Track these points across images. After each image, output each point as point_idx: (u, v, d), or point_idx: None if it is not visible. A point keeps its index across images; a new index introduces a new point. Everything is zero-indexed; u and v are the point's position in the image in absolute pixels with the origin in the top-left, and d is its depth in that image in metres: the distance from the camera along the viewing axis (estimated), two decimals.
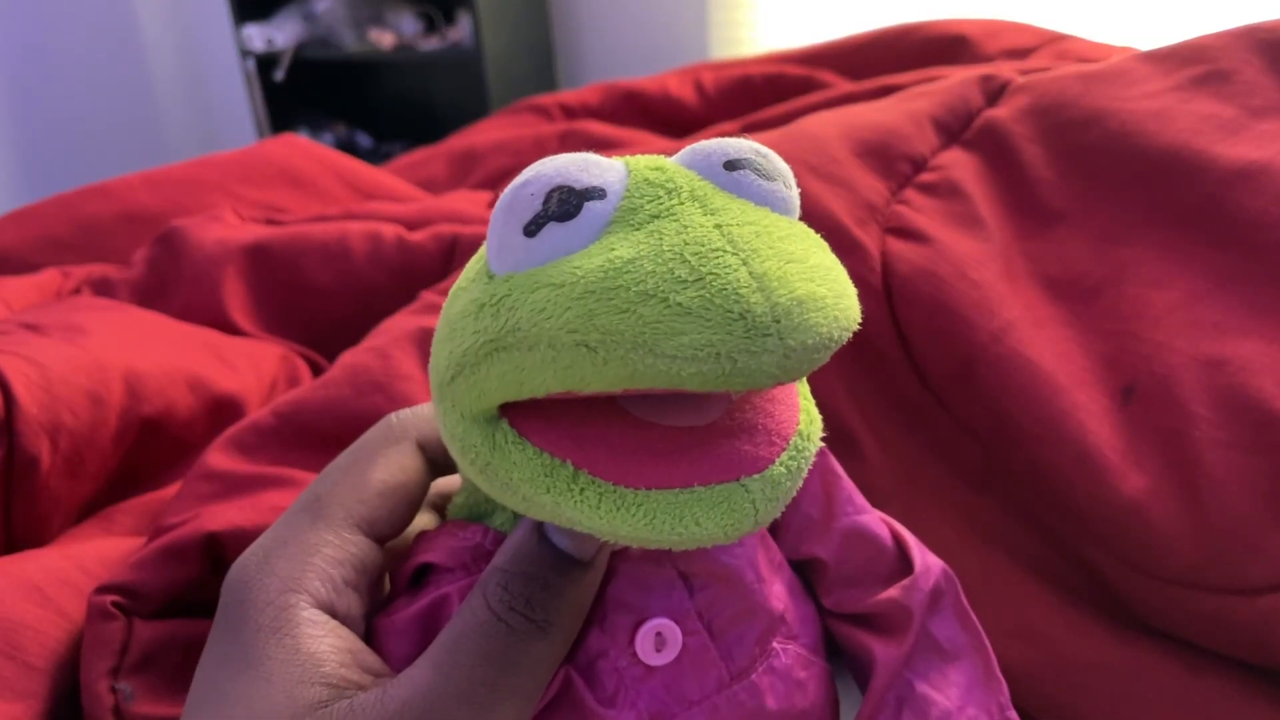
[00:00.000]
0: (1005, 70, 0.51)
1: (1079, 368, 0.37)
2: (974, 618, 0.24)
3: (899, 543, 0.24)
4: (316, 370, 0.52)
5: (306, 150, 0.75)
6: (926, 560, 0.24)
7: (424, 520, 0.24)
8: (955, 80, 0.50)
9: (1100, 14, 1.44)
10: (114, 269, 0.58)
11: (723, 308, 0.15)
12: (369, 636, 0.21)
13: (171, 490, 0.40)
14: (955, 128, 0.47)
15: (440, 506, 0.25)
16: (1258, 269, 0.36)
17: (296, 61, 2.05)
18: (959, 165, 0.44)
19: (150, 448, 0.42)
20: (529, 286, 0.16)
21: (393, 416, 0.23)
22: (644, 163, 0.18)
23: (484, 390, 0.17)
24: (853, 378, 0.40)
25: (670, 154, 0.19)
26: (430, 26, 2.01)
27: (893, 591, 0.23)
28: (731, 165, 0.18)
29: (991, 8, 1.26)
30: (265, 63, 2.06)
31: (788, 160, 0.20)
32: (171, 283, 0.54)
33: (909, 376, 0.40)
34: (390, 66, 2.30)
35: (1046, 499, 0.36)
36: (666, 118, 0.88)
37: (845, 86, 0.75)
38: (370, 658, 0.19)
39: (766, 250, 0.16)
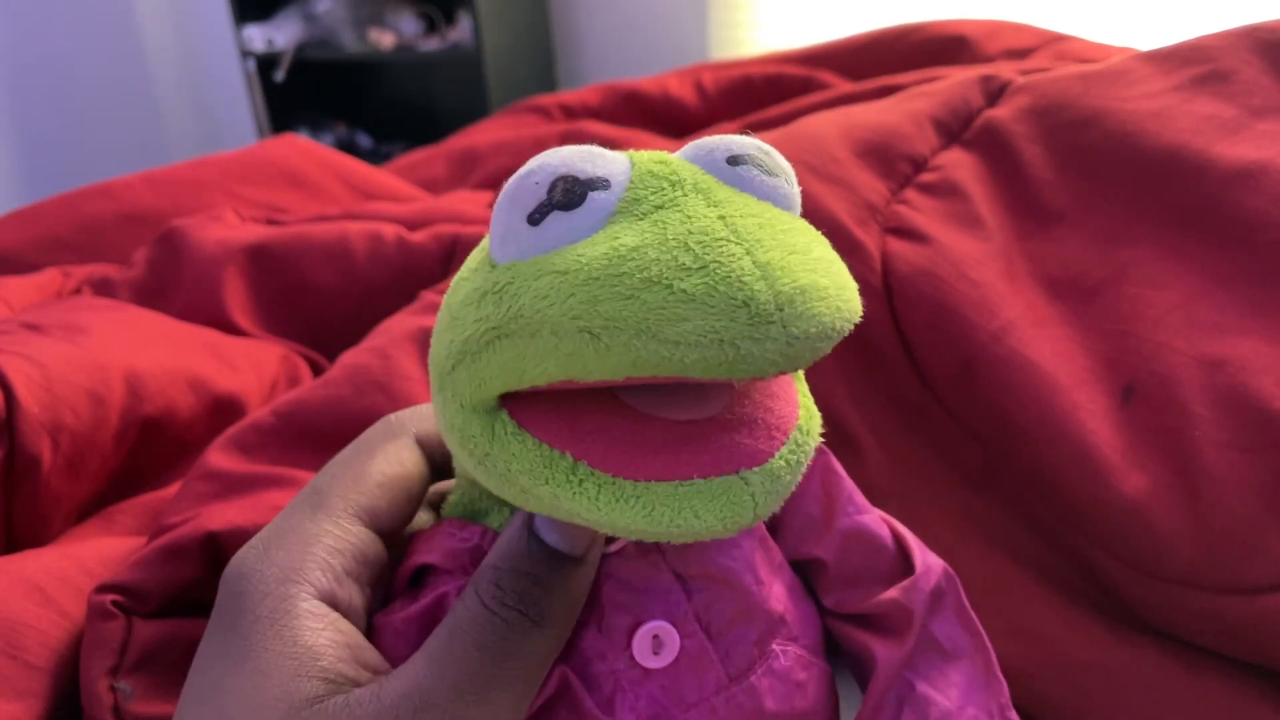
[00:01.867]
0: (1005, 70, 0.51)
1: (1079, 367, 0.37)
2: (974, 618, 0.23)
3: (900, 543, 0.24)
4: (316, 370, 0.52)
5: (306, 150, 0.75)
6: (927, 560, 0.24)
7: (424, 520, 0.24)
8: (955, 80, 0.50)
9: (1100, 14, 1.44)
10: (114, 269, 0.58)
11: (726, 295, 0.15)
12: (370, 635, 0.21)
13: (172, 490, 0.40)
14: (955, 128, 0.47)
15: (438, 506, 0.25)
16: (1257, 269, 0.36)
17: (296, 62, 2.05)
18: (959, 165, 0.44)
19: (151, 448, 0.42)
20: (532, 274, 0.16)
21: (391, 416, 0.23)
22: (648, 156, 0.18)
23: (485, 379, 0.17)
24: (853, 378, 0.40)
25: (672, 152, 0.19)
26: (430, 27, 2.01)
27: (893, 592, 0.23)
28: (734, 160, 0.18)
29: (991, 8, 1.26)
30: (265, 63, 2.06)
31: (788, 160, 0.20)
32: (172, 283, 0.54)
33: (909, 376, 0.40)
34: (390, 67, 2.30)
35: (1046, 499, 0.36)
36: (666, 118, 0.88)
37: (845, 86, 0.75)
38: (370, 654, 0.19)
39: (770, 241, 0.16)
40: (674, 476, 0.16)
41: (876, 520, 0.24)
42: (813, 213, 0.41)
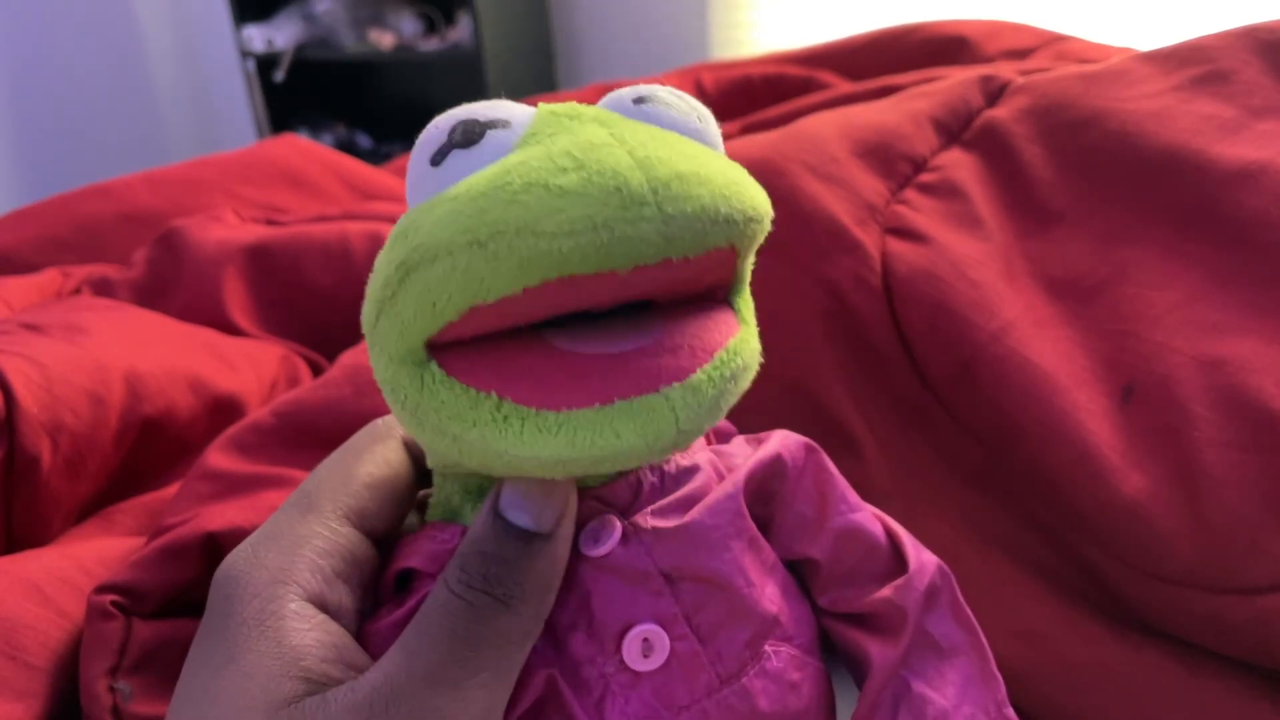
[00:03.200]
0: (1005, 71, 0.51)
1: (1079, 367, 0.37)
2: (970, 615, 0.23)
3: (893, 540, 0.24)
4: (316, 370, 0.52)
5: (306, 150, 0.75)
6: (921, 558, 0.23)
7: (414, 524, 0.24)
8: (955, 80, 0.50)
9: (1100, 14, 1.44)
10: (114, 269, 0.58)
11: (599, 184, 0.15)
12: (359, 641, 0.21)
13: (171, 490, 0.40)
14: (955, 128, 0.47)
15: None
16: (1258, 269, 0.36)
17: (296, 62, 2.05)
18: (959, 165, 0.44)
19: (150, 448, 0.42)
20: (431, 206, 0.17)
21: (379, 419, 0.23)
22: (555, 104, 0.19)
23: (404, 323, 0.17)
24: (853, 378, 0.40)
25: None
26: (430, 27, 2.01)
27: (887, 591, 0.23)
28: (640, 100, 0.19)
29: (991, 8, 1.26)
30: (265, 63, 2.06)
31: (787, 160, 0.20)
32: (171, 283, 0.54)
33: (909, 377, 0.40)
34: (390, 67, 2.30)
35: (1046, 499, 0.36)
36: None
37: (845, 87, 0.75)
38: (359, 656, 0.19)
39: (656, 145, 0.16)
40: (595, 402, 0.16)
41: (870, 518, 0.24)
42: (812, 213, 0.41)
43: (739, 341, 0.19)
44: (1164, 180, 0.40)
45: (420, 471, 0.23)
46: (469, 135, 0.17)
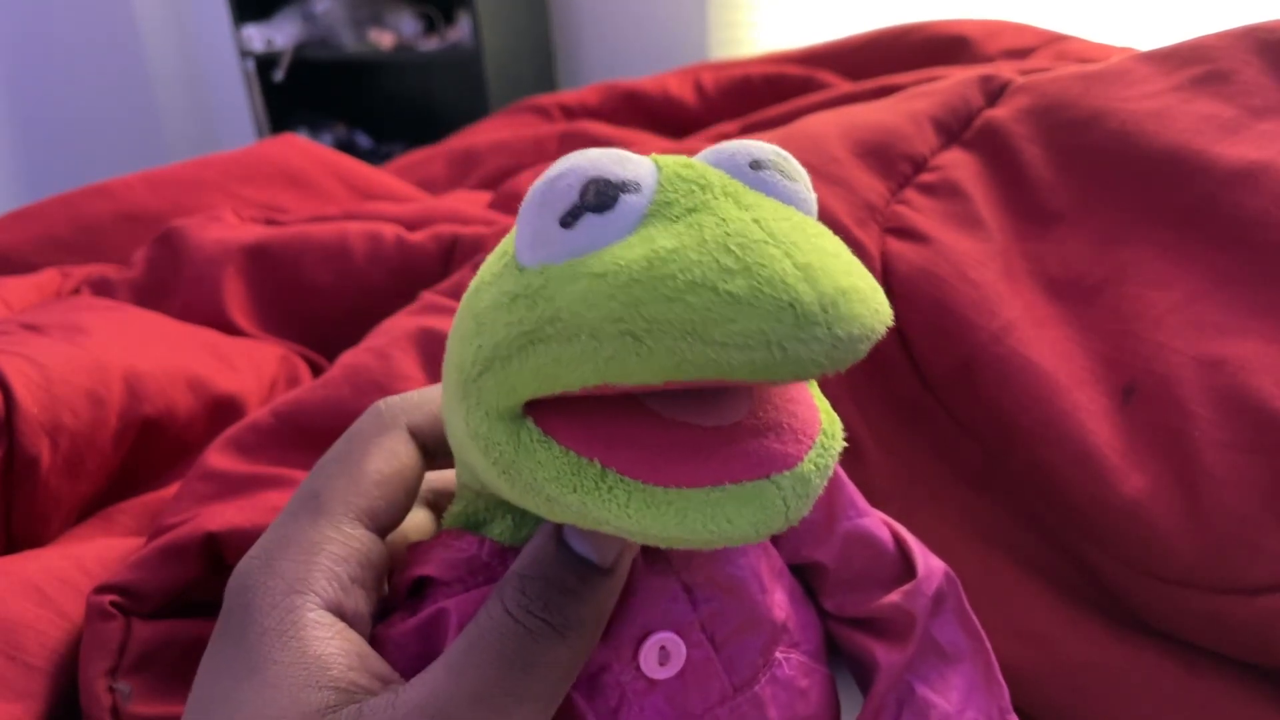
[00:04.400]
0: (1005, 70, 0.51)
1: (1079, 367, 0.37)
2: (975, 620, 0.23)
3: (901, 546, 0.24)
4: (316, 370, 0.52)
5: (306, 150, 0.75)
6: (929, 564, 0.24)
7: (419, 518, 0.24)
8: (955, 80, 0.50)
9: (1100, 14, 1.44)
10: (114, 269, 0.58)
11: (772, 296, 0.15)
12: (372, 646, 0.20)
13: (171, 490, 0.40)
14: (955, 128, 0.47)
15: (435, 504, 0.25)
16: (1258, 269, 0.36)
17: (296, 62, 2.05)
18: (959, 165, 0.44)
19: (150, 448, 0.42)
20: (568, 277, 0.16)
21: (381, 404, 0.23)
22: (673, 160, 0.18)
23: (515, 385, 0.17)
24: (853, 378, 0.40)
25: (675, 154, 0.19)
26: (430, 26, 2.01)
27: (895, 596, 0.23)
28: (756, 165, 0.18)
29: (991, 8, 1.26)
30: (265, 63, 2.06)
31: None
32: (171, 283, 0.54)
33: (909, 377, 0.40)
34: (390, 66, 2.29)
35: (1046, 499, 0.36)
36: (666, 118, 0.88)
37: (845, 86, 0.75)
38: (378, 663, 0.19)
39: (805, 244, 0.16)
40: (705, 482, 0.16)
41: (878, 523, 0.24)
42: None
43: (830, 422, 0.19)
44: (1164, 180, 0.40)
45: (426, 458, 0.23)
46: (602, 199, 0.16)
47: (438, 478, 0.25)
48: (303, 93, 2.17)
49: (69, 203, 0.65)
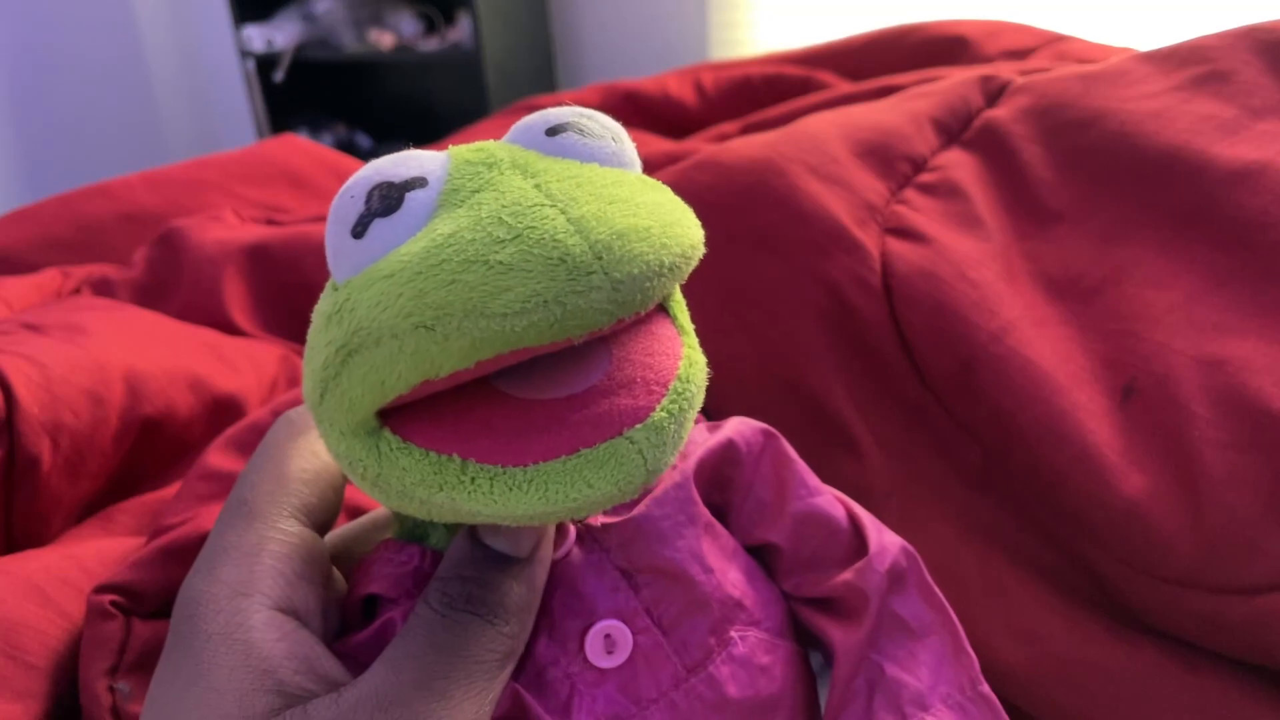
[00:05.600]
0: (1005, 71, 0.51)
1: (1078, 367, 0.37)
2: (939, 595, 0.23)
3: (855, 523, 0.24)
4: None
5: (306, 150, 0.75)
6: (883, 540, 0.23)
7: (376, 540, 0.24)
8: (955, 80, 0.50)
9: (1100, 14, 1.44)
10: (114, 269, 0.58)
11: (541, 255, 0.15)
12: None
13: (171, 490, 0.40)
14: (955, 128, 0.47)
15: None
16: (1258, 269, 0.36)
17: (296, 62, 2.05)
18: (959, 165, 0.44)
19: (150, 448, 0.42)
20: (364, 285, 0.16)
21: (290, 412, 0.23)
22: (465, 147, 0.18)
23: (352, 400, 0.17)
24: (853, 378, 0.40)
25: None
26: (430, 27, 2.01)
27: (848, 574, 0.23)
28: (553, 131, 0.18)
29: (991, 8, 1.26)
30: (265, 63, 2.06)
31: (787, 160, 0.20)
32: (171, 283, 0.54)
33: (909, 376, 0.40)
34: (390, 67, 2.30)
35: (1046, 499, 0.36)
36: (666, 118, 0.88)
37: (845, 87, 0.75)
38: (329, 664, 0.19)
39: (585, 196, 0.16)
40: (560, 453, 0.16)
41: (830, 501, 0.24)
42: (812, 213, 0.41)
43: (688, 366, 0.19)
44: (1164, 180, 0.40)
45: None
46: (387, 201, 0.17)
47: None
48: (303, 93, 2.17)
49: (69, 203, 0.65)
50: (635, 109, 0.89)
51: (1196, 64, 0.45)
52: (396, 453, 0.17)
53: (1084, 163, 0.43)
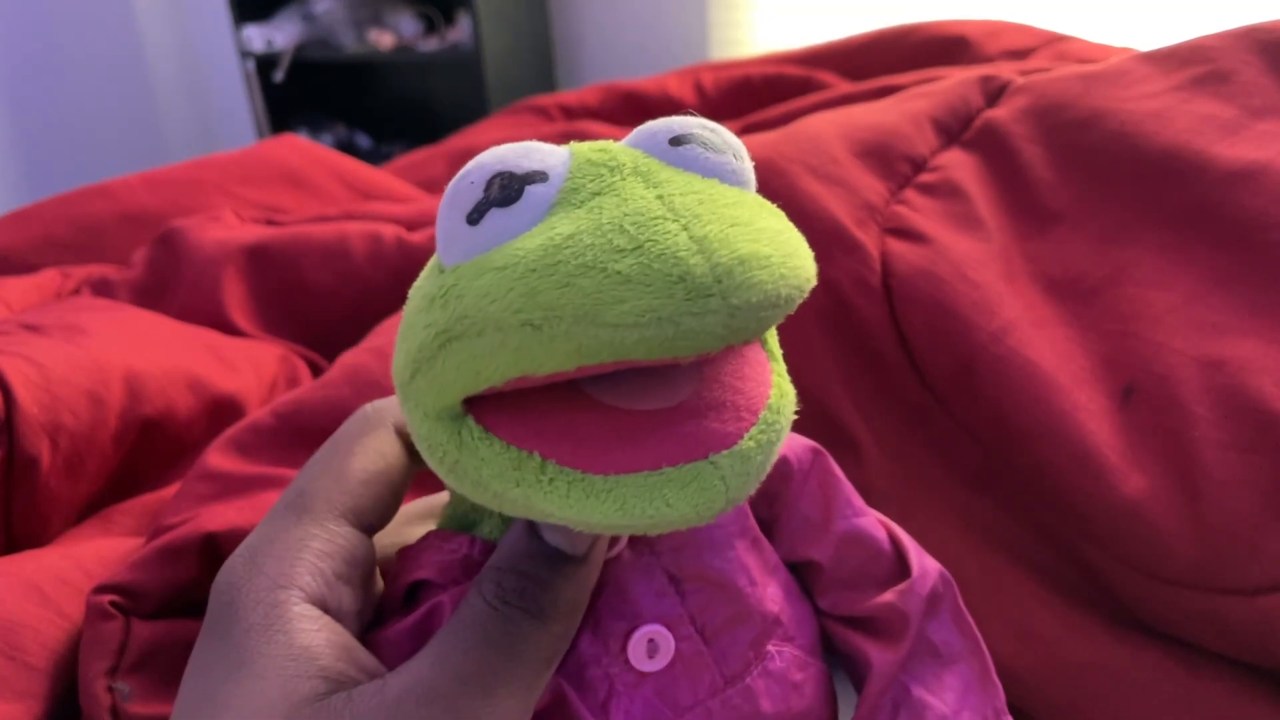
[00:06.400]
0: (1005, 71, 0.51)
1: (1079, 368, 0.37)
2: (971, 621, 0.23)
3: (896, 546, 0.24)
4: (316, 370, 0.52)
5: (306, 150, 0.75)
6: (924, 564, 0.24)
7: (421, 532, 0.24)
8: (955, 81, 0.50)
9: (1100, 14, 1.44)
10: (114, 269, 0.58)
11: (661, 271, 0.15)
12: (363, 644, 0.20)
13: (171, 490, 0.40)
14: (955, 128, 0.47)
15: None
16: (1258, 269, 0.36)
17: (296, 62, 2.05)
18: (959, 166, 0.44)
19: (150, 448, 0.42)
20: (474, 273, 0.16)
21: (368, 406, 0.23)
22: (588, 145, 0.18)
23: (443, 384, 0.17)
24: (853, 378, 0.40)
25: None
26: (430, 27, 2.01)
27: (889, 596, 0.23)
28: (677, 141, 0.18)
29: (991, 8, 1.26)
30: (265, 63, 2.06)
31: (787, 160, 0.20)
32: (171, 283, 0.54)
33: (909, 377, 0.40)
34: (390, 67, 2.30)
35: (1046, 499, 0.36)
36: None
37: (845, 87, 0.75)
38: (365, 656, 0.19)
39: (709, 215, 0.16)
40: (643, 467, 0.16)
41: (874, 523, 0.24)
42: (812, 213, 0.41)
43: (779, 396, 0.18)
44: (1164, 180, 0.40)
45: (415, 457, 0.23)
46: (507, 192, 0.17)
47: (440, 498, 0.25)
48: (303, 93, 2.17)
49: (69, 203, 0.65)
50: (635, 109, 0.89)
51: (1196, 64, 0.45)
52: (478, 442, 0.17)
53: (1084, 163, 0.43)
